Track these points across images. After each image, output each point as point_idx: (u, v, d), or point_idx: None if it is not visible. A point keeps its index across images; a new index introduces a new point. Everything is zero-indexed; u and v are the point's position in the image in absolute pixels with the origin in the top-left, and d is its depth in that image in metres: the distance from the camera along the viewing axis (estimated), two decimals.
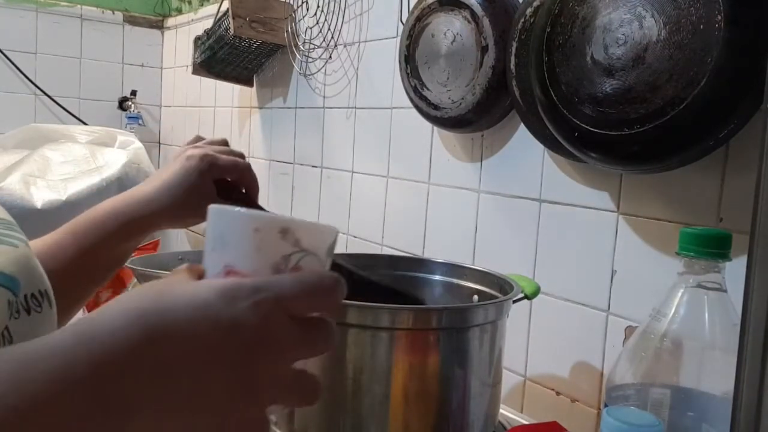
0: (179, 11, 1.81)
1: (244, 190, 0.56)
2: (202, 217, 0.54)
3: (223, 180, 0.55)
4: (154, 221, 0.53)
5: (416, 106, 0.86)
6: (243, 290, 0.27)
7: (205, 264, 0.31)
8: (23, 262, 0.40)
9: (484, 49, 0.76)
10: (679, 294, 0.48)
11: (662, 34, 0.54)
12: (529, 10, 0.71)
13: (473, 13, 0.77)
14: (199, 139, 0.58)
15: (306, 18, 1.16)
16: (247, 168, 0.55)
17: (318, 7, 1.11)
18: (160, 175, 0.54)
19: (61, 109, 1.75)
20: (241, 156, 0.56)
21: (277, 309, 0.27)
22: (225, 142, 0.57)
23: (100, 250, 0.52)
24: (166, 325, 0.26)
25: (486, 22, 0.75)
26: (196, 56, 1.37)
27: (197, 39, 1.38)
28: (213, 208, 0.30)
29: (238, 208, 0.30)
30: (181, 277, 0.29)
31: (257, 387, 0.27)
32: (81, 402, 0.24)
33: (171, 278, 0.29)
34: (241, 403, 0.27)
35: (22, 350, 0.25)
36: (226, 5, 1.23)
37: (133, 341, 0.25)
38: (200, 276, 0.30)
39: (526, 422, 0.70)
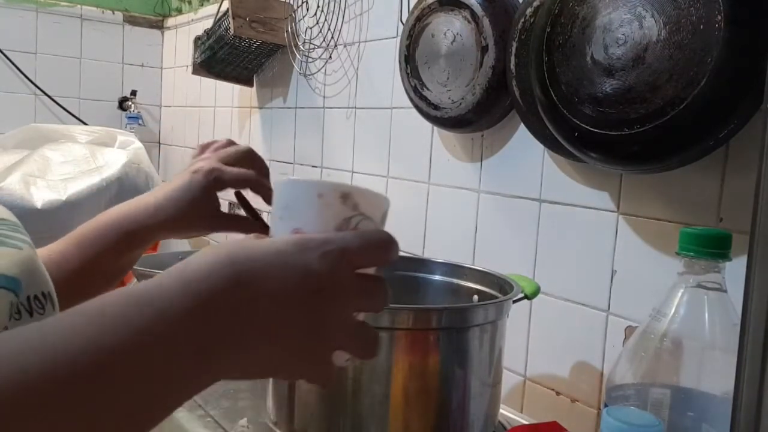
0: (179, 11, 1.81)
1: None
2: (202, 230, 0.55)
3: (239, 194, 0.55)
4: (156, 233, 0.53)
5: (416, 106, 0.86)
6: (313, 242, 0.30)
7: (274, 233, 0.33)
8: (27, 264, 0.41)
9: (484, 49, 0.76)
10: (679, 294, 0.48)
11: (662, 34, 0.54)
12: (529, 10, 0.71)
13: (473, 13, 0.77)
14: (205, 147, 0.57)
15: (306, 18, 1.16)
16: (252, 177, 0.54)
17: (318, 7, 1.11)
18: (166, 188, 0.53)
19: (61, 109, 1.75)
20: (250, 156, 0.55)
21: (342, 259, 0.30)
22: (230, 144, 0.57)
23: (103, 260, 0.53)
24: (253, 269, 0.29)
25: (486, 22, 0.75)
26: (196, 56, 1.37)
27: (197, 39, 1.38)
28: (279, 181, 0.34)
29: (302, 178, 0.35)
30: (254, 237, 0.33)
31: (325, 328, 0.30)
32: (178, 341, 0.26)
33: (248, 239, 0.32)
34: (312, 342, 0.30)
35: (128, 292, 0.27)
36: (226, 5, 1.23)
37: (226, 284, 0.28)
38: None
39: (526, 422, 0.70)
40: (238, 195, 0.56)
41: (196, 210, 0.52)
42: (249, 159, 0.55)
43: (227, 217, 0.55)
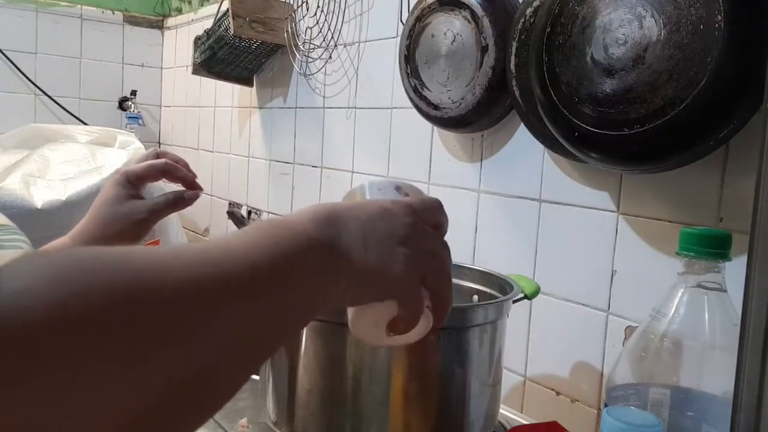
0: (179, 11, 1.81)
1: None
2: (141, 228, 0.61)
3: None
4: (109, 242, 0.60)
5: (416, 106, 0.86)
6: (394, 201, 0.38)
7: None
8: None
9: (484, 49, 0.76)
10: (679, 294, 0.48)
11: (662, 34, 0.54)
12: (529, 10, 0.71)
13: (473, 13, 0.77)
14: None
15: (306, 18, 1.16)
16: (161, 166, 0.62)
17: (318, 7, 1.11)
18: (97, 204, 0.62)
19: (61, 109, 1.75)
20: (158, 154, 0.64)
21: (416, 214, 0.37)
22: (156, 156, 0.65)
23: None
24: (346, 212, 0.35)
25: (486, 22, 0.75)
26: (196, 56, 1.37)
27: (197, 39, 1.38)
28: (353, 191, 0.43)
29: (367, 181, 0.44)
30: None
31: (413, 250, 0.36)
32: (312, 260, 0.32)
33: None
34: (397, 250, 0.35)
35: (261, 225, 0.32)
36: (226, 5, 1.23)
37: (327, 218, 0.34)
38: None
39: (526, 422, 0.70)
40: (230, 214, 0.63)
41: (123, 213, 0.60)
42: (156, 155, 0.63)
43: (154, 209, 0.61)
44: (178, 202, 0.62)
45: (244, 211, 1.44)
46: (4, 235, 0.42)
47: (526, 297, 0.63)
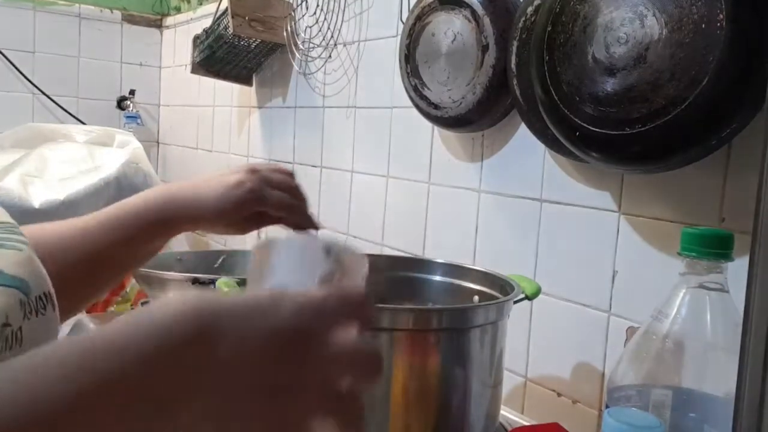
0: (178, 10, 1.81)
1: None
2: (231, 234, 0.58)
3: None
4: (190, 226, 0.56)
5: (416, 106, 0.86)
6: (288, 295, 0.29)
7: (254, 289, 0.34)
8: (29, 265, 0.41)
9: (484, 48, 0.76)
10: (681, 294, 0.48)
11: (664, 33, 0.54)
12: (530, 9, 0.70)
13: (474, 12, 0.77)
14: (269, 166, 0.59)
15: (305, 17, 1.16)
16: (294, 207, 0.56)
17: (317, 6, 1.11)
18: (209, 184, 0.55)
19: (59, 109, 1.75)
20: (298, 194, 0.57)
21: (320, 316, 0.28)
22: (287, 172, 0.58)
23: (137, 242, 0.54)
24: (217, 326, 0.27)
25: (486, 21, 0.75)
26: (195, 55, 1.36)
27: (196, 38, 1.37)
28: (259, 244, 0.34)
29: (280, 239, 0.35)
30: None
31: (295, 393, 0.27)
32: (132, 396, 0.25)
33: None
34: (277, 407, 0.27)
35: (77, 341, 0.27)
36: (225, 4, 1.23)
37: (187, 339, 0.26)
38: None
39: (526, 423, 0.70)
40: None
41: (229, 220, 0.55)
42: (289, 187, 0.57)
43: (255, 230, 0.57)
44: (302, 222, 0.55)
45: None
46: (4, 233, 0.42)
47: (527, 297, 0.63)
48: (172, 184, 0.57)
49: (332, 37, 1.09)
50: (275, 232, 0.54)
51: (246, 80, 1.38)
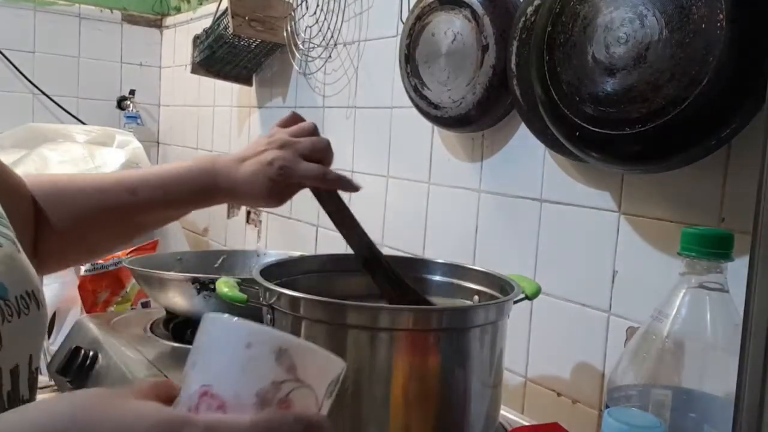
0: (178, 10, 1.81)
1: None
2: (267, 207, 0.60)
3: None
4: (227, 200, 0.59)
5: (416, 106, 0.86)
6: (176, 423, 0.22)
7: (183, 382, 0.26)
8: (8, 263, 0.39)
9: (484, 48, 0.75)
10: (681, 294, 0.48)
11: (664, 33, 0.54)
12: (530, 9, 0.70)
13: (474, 12, 0.77)
14: (293, 121, 0.62)
15: (305, 17, 1.16)
16: (322, 175, 0.58)
17: (317, 6, 1.11)
18: (245, 164, 0.58)
19: (60, 109, 1.75)
20: (325, 157, 0.59)
21: None
22: (314, 131, 0.61)
23: (181, 204, 0.58)
24: None
25: (486, 20, 0.75)
26: (195, 55, 1.36)
27: (196, 38, 1.37)
28: (205, 317, 0.27)
29: (232, 317, 0.26)
30: (132, 392, 0.26)
31: None
32: None
33: (121, 392, 0.26)
34: None
35: None
36: (225, 4, 1.23)
37: None
38: (167, 396, 0.27)
39: (526, 423, 0.70)
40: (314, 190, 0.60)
41: (264, 197, 0.57)
42: (323, 151, 0.59)
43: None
44: (345, 185, 0.58)
45: (243, 212, 1.43)
46: None
47: (527, 297, 0.63)
48: (215, 156, 0.60)
49: (332, 37, 1.09)
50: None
51: (246, 80, 1.38)
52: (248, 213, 1.41)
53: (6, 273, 0.39)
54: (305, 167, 0.57)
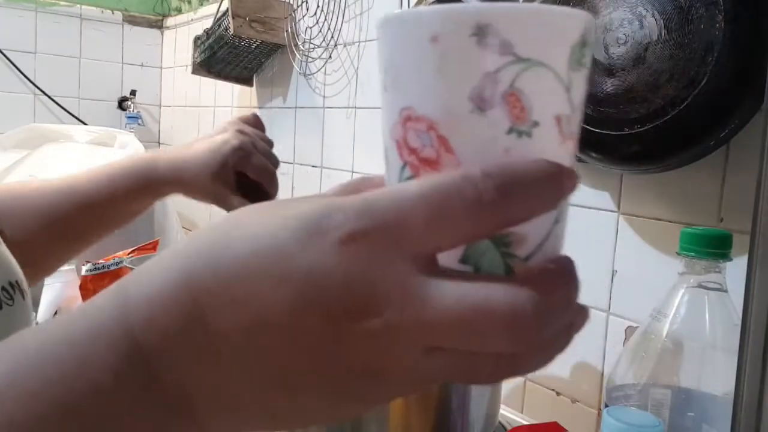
0: (179, 11, 1.81)
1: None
2: (208, 198, 0.57)
3: (246, 176, 0.57)
4: (171, 187, 0.55)
5: None
6: (335, 219, 0.17)
7: (382, 115, 0.20)
8: None
9: None
10: (680, 294, 0.48)
11: (663, 34, 0.54)
12: None
13: None
14: (252, 120, 0.59)
15: (306, 18, 1.16)
16: (272, 175, 0.57)
17: (318, 6, 1.11)
18: (193, 145, 0.55)
19: (61, 109, 1.75)
20: (275, 162, 0.58)
21: (393, 251, 0.16)
22: (270, 142, 0.59)
23: (126, 199, 0.54)
24: (219, 291, 0.18)
25: None
26: (196, 56, 1.37)
27: (197, 39, 1.38)
28: (379, 19, 0.19)
29: (402, 11, 0.19)
30: (274, 206, 0.19)
31: (361, 374, 0.17)
32: (132, 397, 0.19)
33: (260, 207, 0.20)
34: (340, 392, 0.18)
35: (61, 331, 0.20)
36: (225, 5, 1.23)
37: (179, 323, 0.18)
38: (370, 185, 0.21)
39: (526, 423, 0.70)
40: (243, 181, 0.56)
41: (210, 179, 0.54)
42: (268, 154, 0.57)
43: (234, 199, 0.56)
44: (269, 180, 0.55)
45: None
46: None
47: None
48: (161, 149, 0.58)
49: (332, 37, 1.09)
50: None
51: (246, 81, 1.38)
52: None
53: None
54: (259, 158, 0.55)
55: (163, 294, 0.19)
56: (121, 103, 1.83)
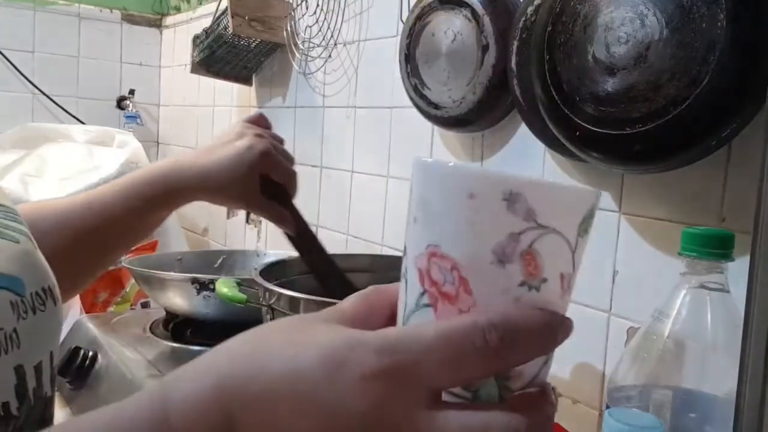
0: (178, 10, 1.81)
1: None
2: (239, 206, 0.58)
3: (270, 178, 0.57)
4: (197, 195, 0.55)
5: (416, 106, 0.86)
6: (358, 355, 0.19)
7: (407, 241, 0.23)
8: (25, 260, 0.39)
9: (484, 48, 0.75)
10: (682, 294, 0.48)
11: (664, 33, 0.54)
12: (530, 9, 0.70)
13: (474, 12, 0.76)
14: (261, 121, 0.60)
15: (305, 17, 1.16)
16: (294, 175, 0.58)
17: (317, 5, 1.11)
18: (215, 153, 0.55)
19: (59, 109, 1.75)
20: (292, 160, 0.59)
21: (407, 389, 0.19)
22: (282, 140, 0.60)
23: (144, 211, 0.54)
24: (248, 403, 0.20)
25: (487, 20, 0.75)
26: (195, 55, 1.36)
27: (196, 38, 1.37)
28: (416, 161, 0.22)
29: (447, 162, 0.22)
30: (327, 314, 0.22)
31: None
32: None
33: (309, 318, 0.22)
34: None
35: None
36: (225, 4, 1.23)
37: (211, 425, 0.20)
38: (381, 301, 0.23)
39: None
40: (267, 182, 0.57)
41: (239, 185, 0.54)
42: (286, 154, 0.59)
43: (264, 202, 0.56)
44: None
45: (242, 214, 1.43)
46: (3, 219, 0.40)
47: None
48: (179, 155, 0.57)
49: (332, 36, 1.09)
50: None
51: (246, 80, 1.38)
52: (248, 213, 1.41)
53: (22, 269, 0.38)
54: (282, 161, 0.56)
55: (200, 404, 0.21)
56: (120, 103, 1.82)
